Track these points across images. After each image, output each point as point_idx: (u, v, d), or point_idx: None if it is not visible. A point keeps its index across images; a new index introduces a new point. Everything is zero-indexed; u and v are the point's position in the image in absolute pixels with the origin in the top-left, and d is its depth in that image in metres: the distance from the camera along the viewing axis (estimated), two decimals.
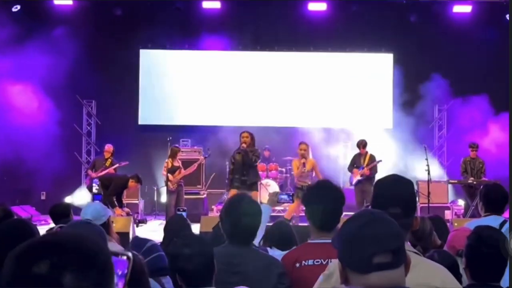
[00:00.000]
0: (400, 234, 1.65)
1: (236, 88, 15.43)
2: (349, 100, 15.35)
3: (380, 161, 12.07)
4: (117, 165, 12.24)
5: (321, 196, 3.02)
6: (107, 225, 4.05)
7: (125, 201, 11.93)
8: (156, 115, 15.31)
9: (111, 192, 10.64)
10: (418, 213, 12.71)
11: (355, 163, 12.14)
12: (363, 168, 11.92)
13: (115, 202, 10.74)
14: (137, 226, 10.91)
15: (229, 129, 14.77)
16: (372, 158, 12.04)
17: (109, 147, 12.57)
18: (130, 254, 1.48)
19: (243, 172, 9.99)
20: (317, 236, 3.02)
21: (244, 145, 9.95)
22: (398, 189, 2.40)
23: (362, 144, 12.09)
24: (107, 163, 12.32)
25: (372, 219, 1.66)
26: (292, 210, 10.78)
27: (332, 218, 2.99)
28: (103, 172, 12.05)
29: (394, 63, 15.31)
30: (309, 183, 10.49)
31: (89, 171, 12.44)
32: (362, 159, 12.08)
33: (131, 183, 10.72)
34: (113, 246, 4.07)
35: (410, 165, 13.64)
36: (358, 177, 11.84)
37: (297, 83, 15.46)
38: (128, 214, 10.86)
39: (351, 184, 12.05)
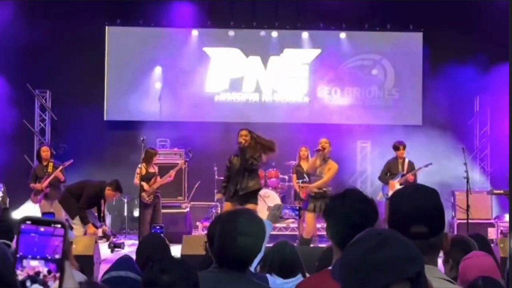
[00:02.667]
0: (419, 257, 1.63)
1: (227, 75, 15.42)
2: (368, 89, 15.36)
3: (430, 164, 12.12)
4: (61, 166, 12.21)
5: (347, 209, 2.97)
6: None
7: None
8: (127, 108, 15.26)
9: (82, 204, 10.53)
10: (455, 231, 12.74)
11: (389, 171, 12.14)
12: (402, 175, 11.92)
13: (88, 217, 10.66)
14: (111, 251, 10.87)
15: (218, 126, 14.76)
16: (411, 165, 12.07)
17: (45, 152, 12.46)
18: (65, 222, 1.69)
19: (237, 180, 10.02)
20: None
21: (243, 142, 10.00)
22: (421, 201, 2.37)
23: (402, 146, 12.12)
24: (49, 169, 12.27)
25: (382, 241, 1.62)
26: (312, 226, 10.69)
27: None
28: (49, 180, 12.01)
29: (425, 43, 15.31)
30: (324, 190, 10.51)
31: (33, 185, 12.33)
32: (401, 166, 12.09)
33: (108, 191, 10.65)
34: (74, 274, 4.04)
35: (445, 171, 13.62)
36: (397, 186, 11.81)
37: (302, 68, 15.46)
38: (105, 234, 10.80)
39: (386, 196, 12.04)
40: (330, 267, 3.03)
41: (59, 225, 1.68)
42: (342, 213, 2.94)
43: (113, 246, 11.06)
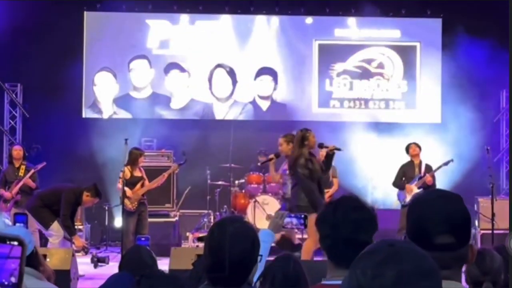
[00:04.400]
0: (435, 271, 1.62)
1: (222, 67, 15.42)
2: (380, 83, 15.34)
3: (451, 161, 12.14)
4: (32, 170, 12.19)
5: (338, 219, 2.96)
6: (34, 256, 3.98)
7: None
8: (108, 104, 15.25)
9: (65, 211, 10.47)
10: (478, 243, 12.72)
11: (404, 175, 12.15)
12: (419, 178, 11.94)
13: (73, 227, 10.63)
14: (95, 266, 10.84)
15: (212, 124, 14.74)
16: (429, 168, 12.09)
17: (17, 151, 12.42)
18: (22, 239, 1.67)
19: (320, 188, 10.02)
20: (334, 274, 2.98)
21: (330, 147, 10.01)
22: (447, 208, 2.34)
23: (417, 148, 12.14)
24: (21, 172, 12.23)
25: (394, 253, 1.62)
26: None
27: (356, 249, 2.93)
28: (19, 185, 11.97)
29: (444, 30, 15.30)
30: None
31: (2, 192, 12.29)
32: (417, 169, 12.10)
33: (86, 197, 10.61)
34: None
35: (467, 175, 13.63)
36: (415, 190, 11.84)
37: (305, 58, 15.45)
38: (84, 248, 10.76)
39: (402, 203, 12.06)
40: (324, 282, 3.02)
41: (15, 242, 1.63)
42: (332, 224, 2.93)
43: (97, 261, 11.01)
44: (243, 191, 13.78)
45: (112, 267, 10.43)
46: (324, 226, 3.00)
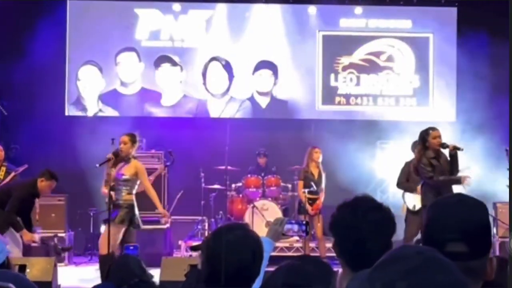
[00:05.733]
0: (464, 284, 1.62)
1: (217, 60, 15.41)
2: (390, 77, 15.34)
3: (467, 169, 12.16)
4: (13, 173, 12.17)
5: (359, 220, 2.94)
6: (6, 267, 3.97)
7: (44, 233, 11.87)
8: (93, 101, 15.24)
9: (12, 207, 10.44)
10: (497, 251, 12.72)
11: (410, 175, 12.06)
12: None
13: (21, 222, 10.59)
14: (59, 254, 10.78)
15: (206, 123, 14.73)
16: None
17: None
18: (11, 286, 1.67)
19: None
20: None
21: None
22: (464, 214, 2.34)
23: None
24: (1, 174, 12.23)
25: (424, 262, 1.61)
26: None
27: (372, 254, 2.91)
28: None
29: (460, 20, 15.31)
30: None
31: None
32: None
33: (42, 182, 10.57)
34: None
35: (484, 178, 13.61)
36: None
37: (308, 51, 15.45)
38: (43, 242, 10.69)
39: (412, 209, 11.92)
40: None
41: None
42: (352, 226, 2.93)
43: (61, 250, 10.99)
44: (241, 195, 13.76)
45: (94, 278, 10.46)
46: (342, 228, 2.99)
